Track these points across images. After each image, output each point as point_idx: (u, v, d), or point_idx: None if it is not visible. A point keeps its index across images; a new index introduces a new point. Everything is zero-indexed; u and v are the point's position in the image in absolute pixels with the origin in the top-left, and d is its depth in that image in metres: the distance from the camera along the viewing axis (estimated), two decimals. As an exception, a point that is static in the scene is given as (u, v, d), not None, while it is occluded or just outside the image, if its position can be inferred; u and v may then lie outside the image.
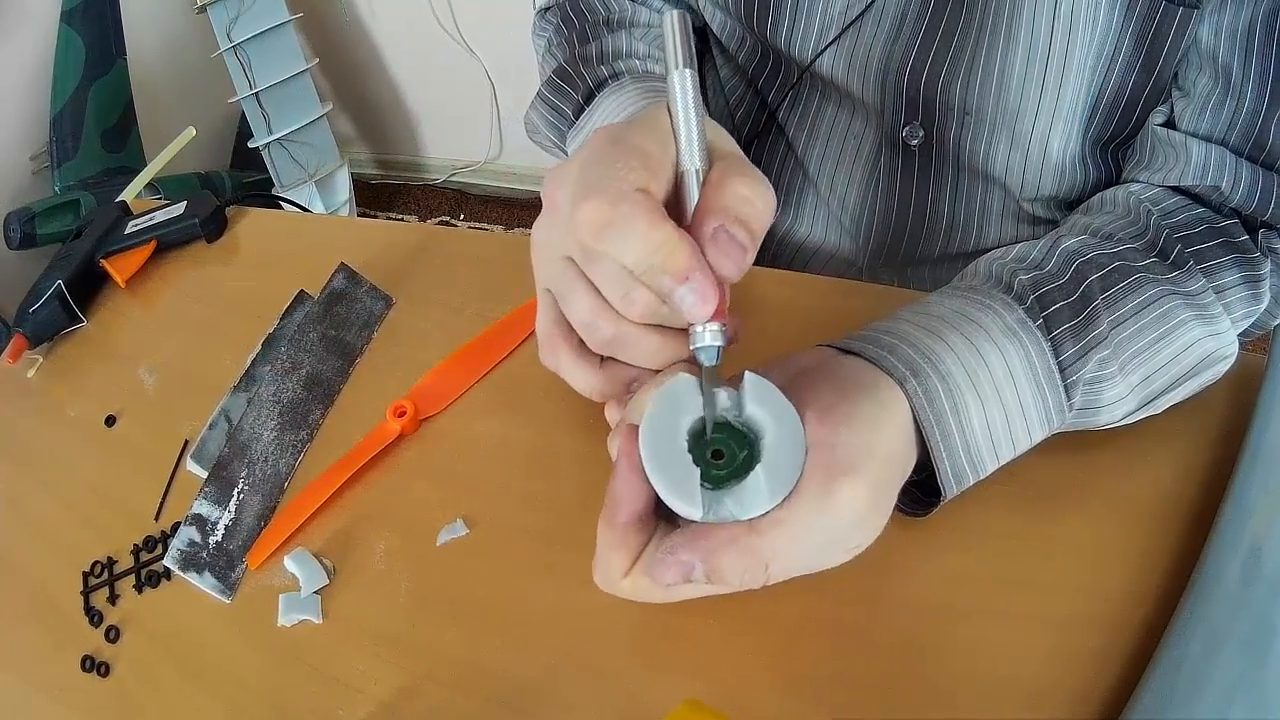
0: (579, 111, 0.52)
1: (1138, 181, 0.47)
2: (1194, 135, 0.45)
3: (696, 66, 0.33)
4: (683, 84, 0.33)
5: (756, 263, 0.74)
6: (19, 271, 1.38)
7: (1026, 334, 0.37)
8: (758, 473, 0.32)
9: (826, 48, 0.52)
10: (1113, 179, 0.54)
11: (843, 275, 0.64)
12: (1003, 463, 0.37)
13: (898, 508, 0.38)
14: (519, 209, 1.99)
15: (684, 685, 0.38)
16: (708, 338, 0.32)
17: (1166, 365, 0.39)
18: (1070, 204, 0.56)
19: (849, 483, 0.32)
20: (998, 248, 0.59)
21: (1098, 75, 0.47)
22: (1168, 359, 0.39)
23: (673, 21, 0.33)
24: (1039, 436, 0.38)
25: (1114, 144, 0.52)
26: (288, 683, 0.41)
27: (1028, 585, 0.38)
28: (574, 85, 0.52)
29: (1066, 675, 0.36)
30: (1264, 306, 0.43)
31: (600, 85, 0.51)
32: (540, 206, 0.37)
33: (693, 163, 0.33)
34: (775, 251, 0.66)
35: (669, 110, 0.33)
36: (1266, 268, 0.42)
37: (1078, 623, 0.37)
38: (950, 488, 0.36)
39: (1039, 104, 0.49)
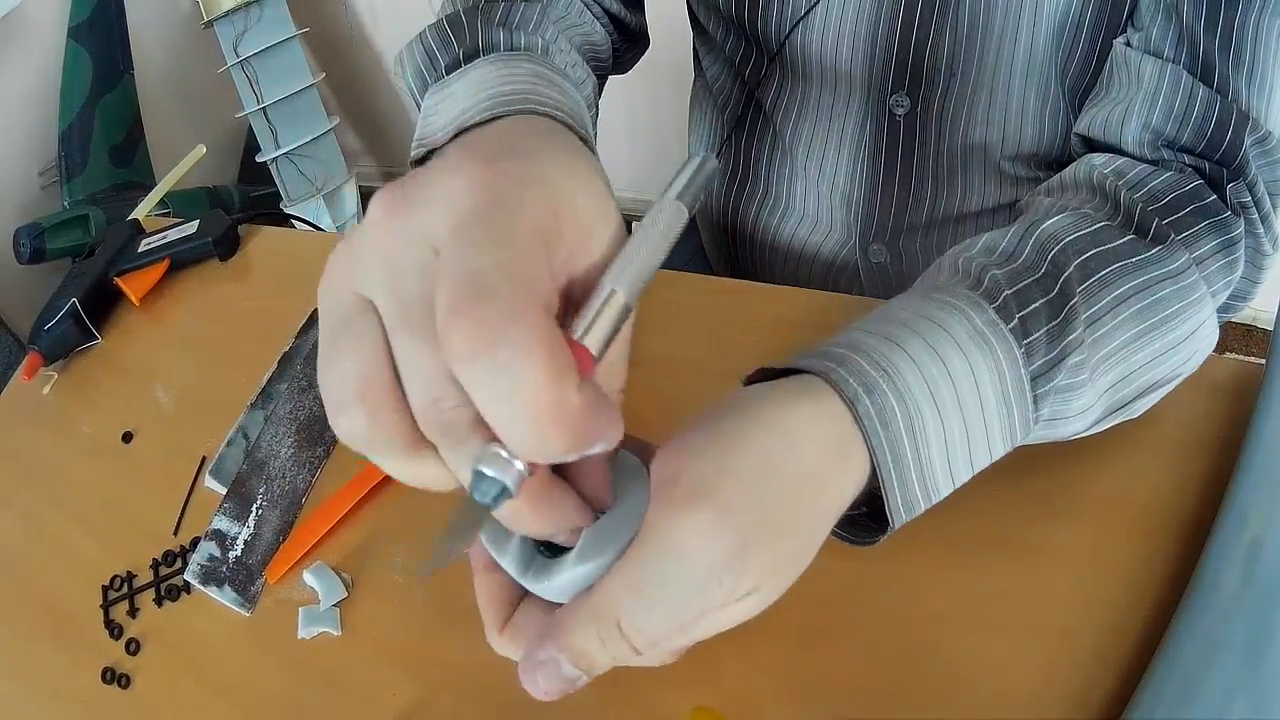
0: (454, 67, 0.41)
1: (1096, 157, 0.45)
2: (1147, 53, 0.44)
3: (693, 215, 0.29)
4: (672, 219, 0.27)
5: (754, 275, 0.74)
6: (27, 286, 1.39)
7: (997, 339, 0.33)
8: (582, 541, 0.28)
9: (810, 11, 0.54)
10: None
11: (835, 257, 0.65)
12: (958, 486, 0.33)
13: (841, 537, 0.34)
14: (522, 220, 2.00)
15: (693, 694, 0.38)
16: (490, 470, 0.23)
17: (1137, 371, 0.37)
18: (1050, 163, 0.57)
19: (691, 514, 0.27)
20: (983, 211, 0.60)
21: (1070, 19, 0.50)
22: (1139, 364, 0.37)
23: (700, 162, 0.29)
24: (999, 454, 0.34)
25: (1085, 93, 0.53)
26: (306, 693, 0.42)
27: (1027, 594, 0.39)
28: (460, 37, 0.42)
29: (1065, 681, 0.37)
30: (1240, 273, 0.41)
31: (490, 49, 0.42)
32: None
33: (621, 289, 0.25)
34: (773, 245, 0.67)
35: (642, 227, 0.27)
36: (1239, 227, 0.41)
37: (1076, 630, 0.38)
38: (899, 518, 0.32)
39: (1014, 54, 0.51)
